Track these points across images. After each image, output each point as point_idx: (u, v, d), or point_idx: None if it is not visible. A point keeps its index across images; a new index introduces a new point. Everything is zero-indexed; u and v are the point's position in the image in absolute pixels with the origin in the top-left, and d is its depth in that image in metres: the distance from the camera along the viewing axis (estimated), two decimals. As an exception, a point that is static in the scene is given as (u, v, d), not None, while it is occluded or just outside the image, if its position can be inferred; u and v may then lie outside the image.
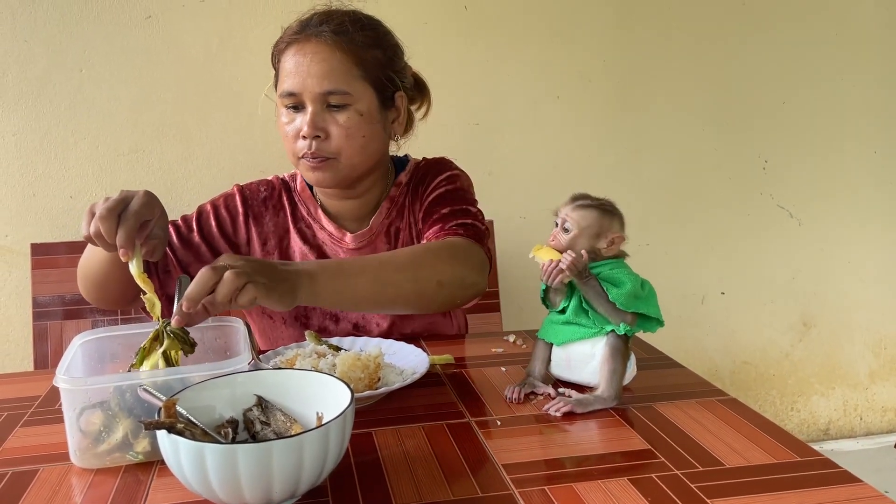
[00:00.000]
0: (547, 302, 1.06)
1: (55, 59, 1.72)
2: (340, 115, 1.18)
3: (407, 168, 1.35)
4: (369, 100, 1.20)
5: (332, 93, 1.16)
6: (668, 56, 2.07)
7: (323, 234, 1.30)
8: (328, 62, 1.16)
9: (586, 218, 0.99)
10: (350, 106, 1.18)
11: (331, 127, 1.18)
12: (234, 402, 0.82)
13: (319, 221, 1.30)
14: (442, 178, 1.31)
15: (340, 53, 1.17)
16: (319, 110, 1.17)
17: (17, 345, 1.78)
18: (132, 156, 1.78)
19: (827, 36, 2.16)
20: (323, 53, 1.16)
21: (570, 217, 0.99)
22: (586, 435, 0.91)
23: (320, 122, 1.17)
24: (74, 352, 0.91)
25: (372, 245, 1.30)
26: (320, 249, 1.30)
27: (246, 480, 0.66)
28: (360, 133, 1.19)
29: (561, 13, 1.98)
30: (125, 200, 0.95)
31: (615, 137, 2.08)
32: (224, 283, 0.87)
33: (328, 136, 1.18)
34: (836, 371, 2.37)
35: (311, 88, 1.16)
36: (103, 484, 0.80)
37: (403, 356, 1.13)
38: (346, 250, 1.29)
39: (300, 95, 1.17)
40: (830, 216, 2.26)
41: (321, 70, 1.16)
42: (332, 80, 1.16)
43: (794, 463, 0.82)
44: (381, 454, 0.86)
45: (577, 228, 0.99)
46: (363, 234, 1.29)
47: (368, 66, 1.19)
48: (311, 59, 1.17)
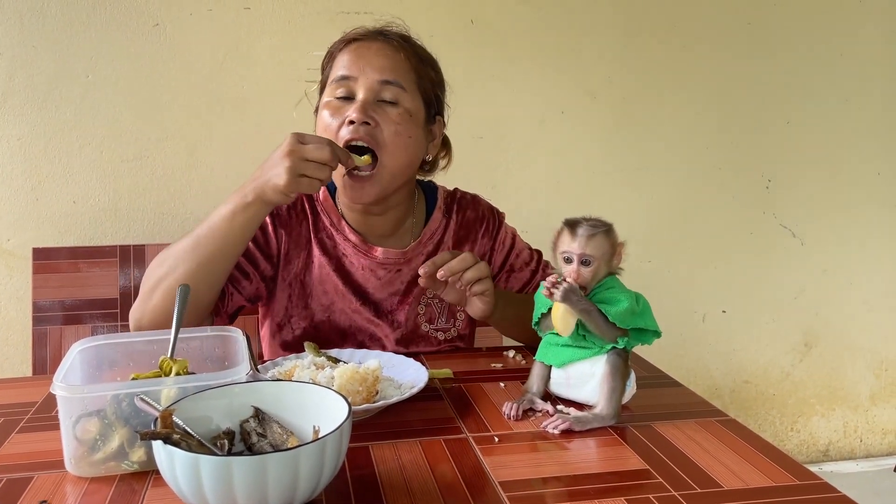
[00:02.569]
0: (539, 329, 1.05)
1: (62, 64, 1.73)
2: (392, 110, 1.18)
3: (439, 196, 1.36)
4: (418, 106, 1.22)
5: (389, 83, 1.17)
6: (673, 74, 2.07)
7: (346, 244, 1.28)
8: (391, 57, 1.19)
9: (602, 245, 0.98)
10: (401, 104, 1.18)
11: (381, 118, 1.17)
12: (231, 413, 0.82)
13: (343, 232, 1.28)
14: (511, 234, 1.39)
15: (403, 54, 1.20)
16: (371, 99, 1.17)
17: (17, 349, 1.78)
18: (136, 162, 1.78)
19: (832, 57, 2.17)
20: (387, 49, 1.19)
21: (588, 250, 0.98)
22: (584, 453, 0.90)
23: (371, 110, 1.16)
24: (73, 359, 0.91)
25: (398, 266, 1.29)
26: (339, 261, 1.29)
27: (241, 493, 0.66)
28: (407, 132, 1.19)
29: (567, 29, 1.98)
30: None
31: (619, 154, 2.08)
32: (476, 268, 1.12)
33: (377, 125, 1.17)
34: (836, 392, 2.36)
35: (369, 74, 1.17)
36: (98, 492, 0.79)
37: (402, 370, 1.12)
38: (374, 263, 1.28)
39: (355, 80, 1.17)
40: (833, 236, 2.26)
41: (383, 62, 1.18)
42: (392, 72, 1.18)
43: (792, 486, 0.81)
44: (377, 468, 0.85)
45: (598, 259, 0.98)
46: (396, 254, 1.28)
47: (423, 78, 1.22)
48: (374, 52, 1.19)
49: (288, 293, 1.28)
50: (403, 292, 1.31)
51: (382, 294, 1.30)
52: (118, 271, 1.59)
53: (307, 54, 1.82)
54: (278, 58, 1.82)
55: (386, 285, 1.30)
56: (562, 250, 0.99)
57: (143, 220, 1.79)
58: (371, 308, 1.29)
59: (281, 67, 1.82)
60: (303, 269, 1.28)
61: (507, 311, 1.25)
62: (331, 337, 1.29)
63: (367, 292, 1.30)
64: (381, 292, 1.30)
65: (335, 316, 1.29)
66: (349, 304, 1.28)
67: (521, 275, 1.38)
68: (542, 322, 1.04)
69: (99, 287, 1.59)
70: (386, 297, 1.30)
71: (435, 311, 1.33)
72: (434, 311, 1.33)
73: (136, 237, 1.79)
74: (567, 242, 0.99)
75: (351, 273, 1.29)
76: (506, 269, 1.38)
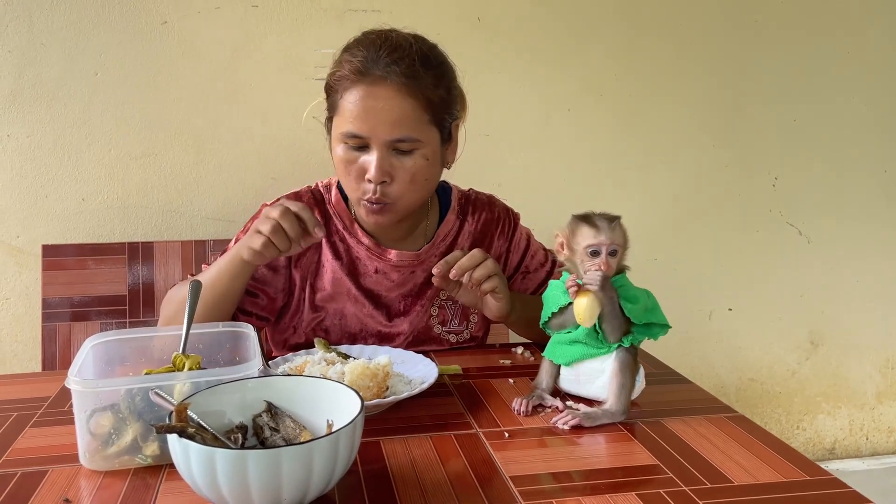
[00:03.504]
0: (548, 328, 1.06)
1: (71, 62, 1.73)
2: (407, 160, 1.15)
3: (453, 197, 1.35)
4: (434, 142, 1.18)
5: (402, 140, 1.13)
6: (679, 71, 2.07)
7: (360, 248, 1.28)
8: (400, 109, 1.12)
9: (624, 233, 0.99)
10: (417, 151, 1.15)
11: (397, 171, 1.15)
12: (244, 407, 0.83)
13: (356, 235, 1.28)
14: (526, 235, 1.40)
15: (412, 100, 1.12)
16: (386, 155, 1.14)
17: (26, 345, 1.79)
18: (144, 159, 1.79)
19: (839, 54, 2.16)
20: (394, 100, 1.11)
21: (616, 239, 0.98)
22: (594, 449, 0.91)
23: (387, 167, 1.14)
24: (86, 354, 0.91)
25: (412, 268, 1.30)
26: (353, 265, 1.28)
27: (255, 486, 0.67)
28: (423, 177, 1.18)
29: (573, 26, 1.98)
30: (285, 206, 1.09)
31: (625, 151, 2.08)
32: (485, 266, 1.14)
33: (392, 181, 1.16)
34: (842, 390, 2.36)
35: (380, 135, 1.12)
36: (112, 486, 0.80)
37: (412, 366, 1.13)
38: (388, 265, 1.28)
39: (367, 139, 1.14)
40: (840, 234, 2.26)
41: (392, 118, 1.12)
42: (404, 128, 1.13)
43: (802, 482, 0.82)
44: (388, 463, 0.86)
45: (622, 247, 0.99)
46: (410, 256, 1.28)
47: (435, 109, 1.16)
48: (381, 106, 1.12)
49: (298, 297, 1.29)
50: (417, 294, 1.31)
51: (395, 296, 1.30)
52: (126, 269, 1.60)
53: (314, 52, 1.83)
54: (286, 55, 1.82)
55: (398, 287, 1.30)
56: (586, 244, 0.98)
57: (151, 217, 1.79)
58: (383, 312, 1.30)
59: (288, 65, 1.82)
60: (313, 274, 1.29)
61: (523, 313, 1.25)
62: (341, 341, 1.30)
63: (379, 296, 1.30)
64: (393, 294, 1.30)
65: (347, 321, 1.29)
66: (361, 308, 1.28)
67: (537, 276, 1.38)
68: (551, 321, 1.04)
69: (107, 284, 1.60)
70: (399, 298, 1.31)
71: (448, 314, 1.33)
72: (447, 314, 1.33)
73: (145, 234, 1.79)
74: (590, 236, 0.97)
75: (364, 276, 1.29)
76: (521, 270, 1.38)
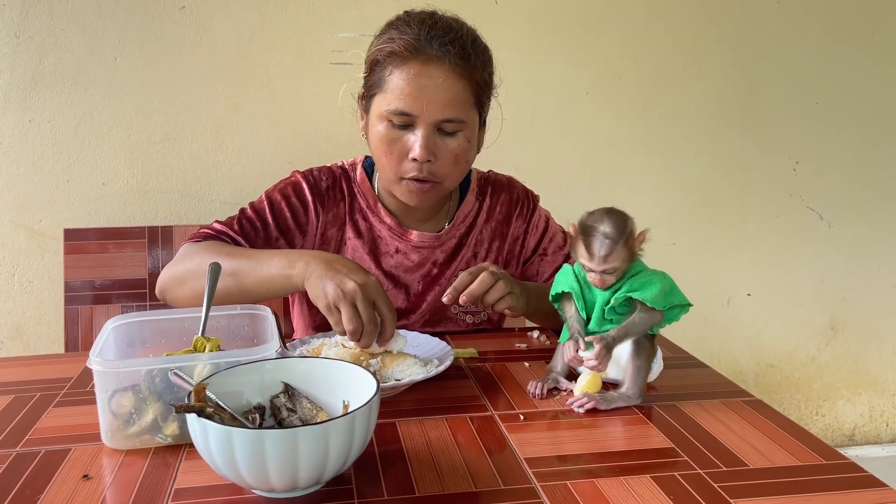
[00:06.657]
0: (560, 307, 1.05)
1: (91, 48, 1.74)
2: (451, 141, 1.16)
3: (472, 179, 1.36)
4: (475, 124, 1.20)
5: (450, 121, 1.14)
6: (698, 54, 2.05)
7: (382, 227, 1.29)
8: (454, 90, 1.13)
9: (620, 254, 0.94)
10: (461, 132, 1.16)
11: (441, 151, 1.16)
12: (262, 388, 0.84)
13: (378, 215, 1.29)
14: (545, 217, 1.39)
15: (464, 81, 1.14)
16: (431, 134, 1.14)
17: (49, 327, 1.82)
18: (164, 144, 1.80)
19: (862, 36, 2.13)
20: (450, 80, 1.12)
21: (607, 265, 0.94)
22: (609, 431, 0.91)
23: (432, 147, 1.15)
24: (107, 335, 0.93)
25: (432, 249, 1.31)
26: (374, 243, 1.30)
27: (273, 465, 0.68)
28: (465, 158, 1.19)
29: (592, 10, 1.96)
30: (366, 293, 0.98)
31: (644, 135, 2.06)
32: (496, 289, 1.09)
33: (436, 160, 1.16)
34: (863, 377, 2.34)
35: (430, 114, 1.13)
36: (133, 465, 0.81)
37: (428, 348, 1.13)
38: (409, 246, 1.29)
39: (415, 117, 1.14)
40: (861, 220, 2.23)
41: (445, 98, 1.12)
42: (454, 109, 1.14)
43: (819, 466, 0.81)
44: (404, 444, 0.86)
45: (619, 266, 0.95)
46: (430, 237, 1.29)
47: (480, 91, 1.18)
48: (436, 85, 1.12)
49: None
50: (436, 275, 1.32)
51: (414, 276, 1.31)
52: (146, 253, 1.62)
53: (332, 35, 1.83)
54: (303, 39, 1.82)
55: (418, 267, 1.31)
56: (580, 261, 0.97)
57: (170, 201, 1.81)
58: (402, 291, 1.31)
59: (306, 49, 1.82)
60: (336, 250, 1.30)
61: (539, 306, 1.23)
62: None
63: (398, 276, 1.31)
64: (412, 274, 1.31)
65: None
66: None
67: (555, 259, 1.38)
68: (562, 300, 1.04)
69: (128, 267, 1.61)
70: (418, 279, 1.32)
71: None
72: None
73: (164, 218, 1.81)
74: (584, 256, 0.95)
75: (385, 255, 1.30)
76: (539, 252, 1.38)
